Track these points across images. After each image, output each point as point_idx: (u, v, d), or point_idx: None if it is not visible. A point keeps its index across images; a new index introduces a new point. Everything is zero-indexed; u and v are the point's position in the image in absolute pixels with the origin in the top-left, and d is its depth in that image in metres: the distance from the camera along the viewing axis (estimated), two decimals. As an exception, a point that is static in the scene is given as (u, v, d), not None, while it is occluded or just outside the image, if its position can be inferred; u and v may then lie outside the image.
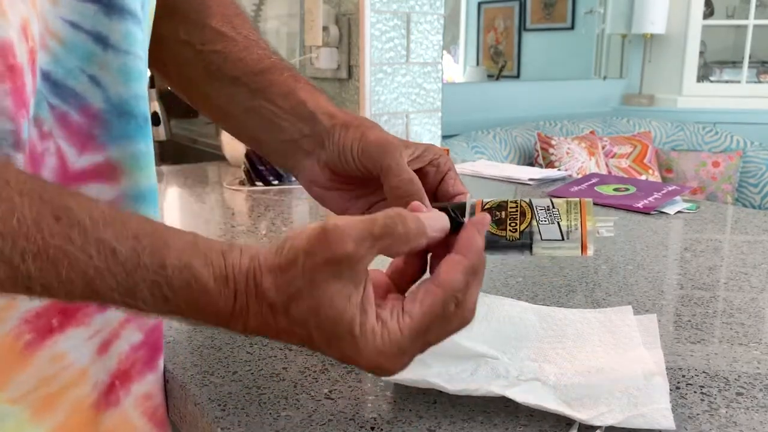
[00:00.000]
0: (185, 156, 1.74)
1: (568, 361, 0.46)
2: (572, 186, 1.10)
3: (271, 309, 0.34)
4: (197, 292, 0.33)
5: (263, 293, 0.34)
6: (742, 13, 3.63)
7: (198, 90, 0.55)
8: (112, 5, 0.40)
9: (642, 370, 0.44)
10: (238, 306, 0.34)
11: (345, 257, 0.33)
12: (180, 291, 0.33)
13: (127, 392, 0.46)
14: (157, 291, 0.33)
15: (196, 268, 0.33)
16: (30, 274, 0.30)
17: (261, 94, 0.51)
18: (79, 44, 0.39)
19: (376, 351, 0.34)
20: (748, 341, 0.53)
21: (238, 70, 0.52)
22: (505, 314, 0.51)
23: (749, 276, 0.69)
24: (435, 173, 0.47)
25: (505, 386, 0.42)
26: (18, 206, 0.29)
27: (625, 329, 0.49)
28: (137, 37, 0.42)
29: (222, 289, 0.34)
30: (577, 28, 4.07)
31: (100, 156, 0.42)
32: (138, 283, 0.32)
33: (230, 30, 0.54)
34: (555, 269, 0.70)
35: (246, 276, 0.34)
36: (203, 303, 0.34)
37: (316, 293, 0.33)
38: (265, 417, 0.42)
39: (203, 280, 0.33)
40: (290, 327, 0.34)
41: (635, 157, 3.02)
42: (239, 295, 0.34)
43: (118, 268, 0.32)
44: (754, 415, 0.42)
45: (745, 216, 0.95)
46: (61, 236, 0.30)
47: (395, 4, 1.46)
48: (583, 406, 0.41)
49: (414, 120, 1.56)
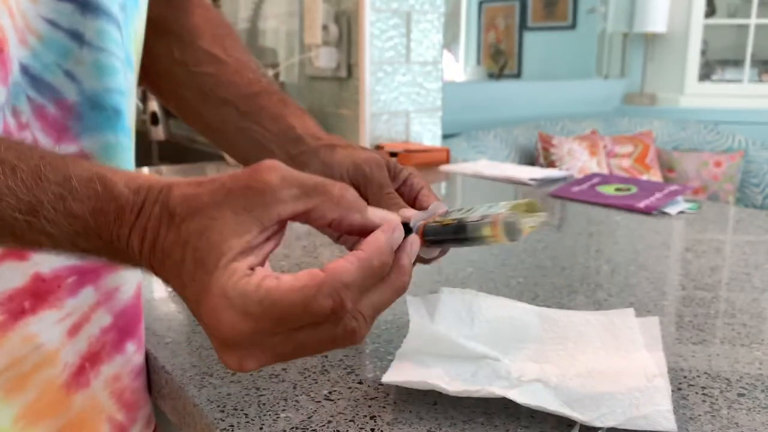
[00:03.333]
0: (185, 156, 1.74)
1: (570, 363, 0.46)
2: (573, 186, 1.10)
3: (167, 219, 0.32)
4: (105, 200, 0.32)
5: (168, 200, 0.32)
6: (744, 12, 3.63)
7: (191, 108, 0.58)
8: (87, 4, 0.42)
9: (644, 372, 0.44)
10: (143, 216, 0.32)
11: (264, 188, 0.31)
12: (87, 201, 0.31)
13: (96, 374, 0.47)
14: (61, 205, 0.31)
15: (106, 177, 0.32)
16: None
17: (251, 117, 0.54)
18: (56, 41, 0.41)
19: (220, 290, 0.30)
20: (750, 342, 0.52)
21: (229, 93, 0.55)
22: (506, 315, 0.51)
23: (751, 276, 0.68)
24: (409, 191, 0.50)
25: (506, 387, 0.42)
26: None
27: (627, 331, 0.49)
28: (112, 35, 0.43)
29: (130, 196, 0.32)
30: (579, 27, 4.06)
31: (74, 146, 0.43)
32: (40, 198, 0.31)
33: (221, 52, 0.57)
34: (556, 270, 0.70)
35: (160, 187, 0.32)
36: (111, 212, 0.32)
37: (213, 214, 0.31)
38: (264, 418, 0.41)
39: (111, 186, 0.32)
40: (172, 244, 0.31)
41: (637, 156, 3.02)
42: (147, 204, 0.32)
43: (17, 184, 0.31)
44: (755, 416, 0.41)
45: (747, 216, 0.95)
46: None
47: (395, 3, 1.45)
48: (584, 408, 0.40)
49: (414, 119, 1.56)
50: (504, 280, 0.67)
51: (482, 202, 0.46)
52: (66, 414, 0.45)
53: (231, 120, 0.55)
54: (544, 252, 0.76)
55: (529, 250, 0.77)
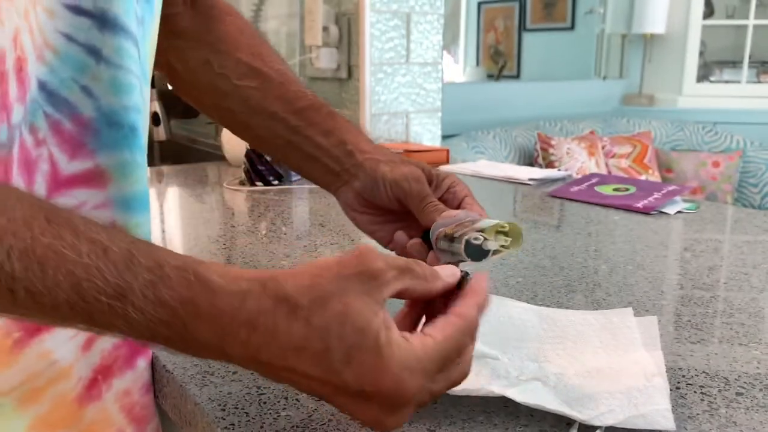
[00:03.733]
0: (185, 156, 1.74)
1: (569, 362, 0.46)
2: (572, 186, 1.10)
3: (290, 313, 0.31)
4: (198, 290, 0.31)
5: (285, 294, 0.31)
6: (742, 13, 3.63)
7: (238, 121, 0.60)
8: (105, 20, 0.42)
9: (642, 371, 0.44)
10: (247, 308, 0.31)
11: (377, 272, 0.33)
12: (179, 289, 0.30)
13: (108, 387, 0.47)
14: (151, 291, 0.30)
15: (199, 268, 0.31)
16: (14, 274, 0.28)
17: (302, 131, 0.56)
18: (73, 56, 0.41)
19: (400, 364, 0.32)
20: (748, 341, 0.53)
21: (277, 107, 0.57)
22: (505, 314, 0.51)
23: (749, 276, 0.69)
24: (452, 199, 0.53)
25: (506, 386, 0.42)
26: (10, 208, 0.29)
27: (626, 331, 0.49)
28: (129, 52, 0.43)
29: (230, 287, 0.31)
30: (577, 28, 4.07)
31: (90, 162, 0.43)
32: (130, 282, 0.30)
33: (262, 65, 0.58)
34: (555, 269, 0.70)
35: (264, 278, 0.32)
36: (204, 304, 0.31)
37: (344, 301, 0.32)
38: (265, 417, 0.42)
39: (206, 277, 0.31)
40: (305, 337, 0.31)
41: (635, 157, 3.02)
42: (252, 295, 0.31)
43: (108, 266, 0.30)
44: (754, 415, 0.42)
45: (745, 216, 0.95)
46: (51, 234, 0.29)
47: (395, 4, 1.46)
48: (583, 407, 0.41)
49: (414, 120, 1.56)
50: (503, 280, 0.67)
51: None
52: (77, 426, 0.45)
53: (281, 134, 0.57)
54: (543, 251, 0.77)
55: (528, 250, 0.77)
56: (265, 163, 1.14)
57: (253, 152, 1.14)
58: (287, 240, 0.82)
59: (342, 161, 0.55)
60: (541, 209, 1.01)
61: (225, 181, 1.18)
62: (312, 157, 0.56)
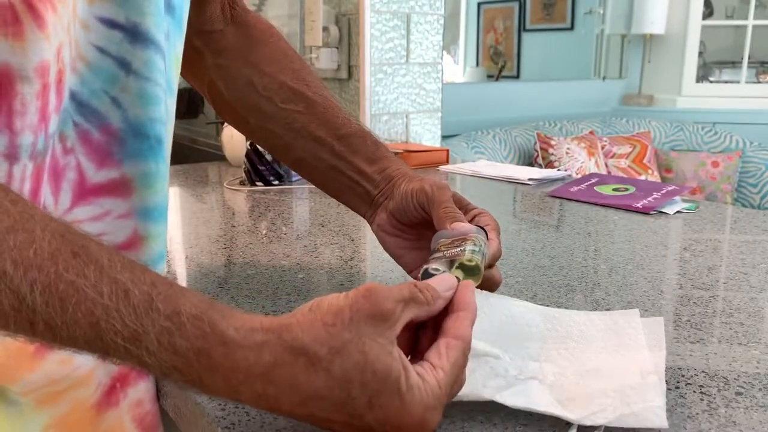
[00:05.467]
0: (185, 156, 1.74)
1: (569, 361, 0.46)
2: (572, 186, 1.10)
3: (308, 365, 0.32)
4: (212, 343, 0.31)
5: (302, 346, 0.32)
6: (742, 14, 3.64)
7: (281, 143, 0.61)
8: (137, 34, 0.43)
9: (639, 370, 0.44)
10: (263, 362, 0.31)
11: (388, 314, 0.34)
12: (193, 340, 0.31)
13: (125, 395, 0.48)
14: (166, 339, 0.30)
15: (215, 319, 0.31)
16: (35, 308, 0.29)
17: (346, 157, 0.59)
18: (104, 68, 0.42)
19: (423, 406, 0.34)
20: (747, 341, 0.53)
21: (322, 131, 0.59)
22: (508, 313, 0.51)
23: (748, 276, 0.69)
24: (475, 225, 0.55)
25: (501, 387, 0.42)
26: (38, 239, 0.29)
27: (631, 332, 0.49)
28: (157, 65, 0.44)
29: (245, 341, 0.31)
30: (577, 29, 4.07)
31: (116, 172, 0.44)
32: (146, 328, 0.30)
33: (307, 90, 0.60)
34: (555, 269, 0.70)
35: (279, 329, 0.32)
36: (218, 357, 0.31)
37: (361, 349, 0.32)
38: (265, 417, 0.42)
39: (221, 329, 0.31)
40: (326, 387, 0.32)
41: (635, 157, 3.03)
42: (267, 348, 0.31)
43: (128, 309, 0.30)
44: (753, 415, 0.42)
45: (744, 216, 0.95)
46: (75, 271, 0.29)
47: (395, 5, 1.46)
48: (575, 406, 0.40)
49: (414, 120, 1.56)
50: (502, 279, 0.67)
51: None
52: None
53: (325, 158, 0.59)
54: (543, 251, 0.77)
55: (528, 250, 0.77)
56: (265, 164, 1.14)
57: (254, 152, 1.14)
58: (287, 240, 0.82)
59: (381, 186, 0.58)
60: (540, 209, 1.01)
61: (225, 181, 1.18)
62: (353, 180, 0.59)
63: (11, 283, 0.28)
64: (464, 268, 0.47)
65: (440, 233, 0.51)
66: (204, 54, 0.62)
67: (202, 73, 0.63)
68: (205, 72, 0.62)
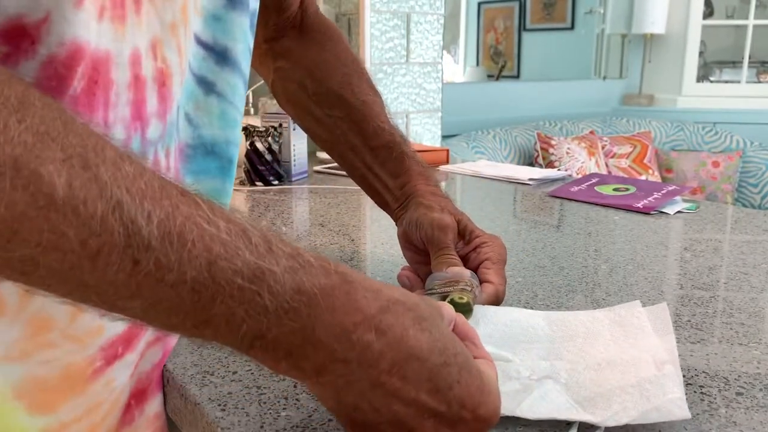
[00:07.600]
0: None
1: (580, 357, 0.45)
2: (572, 186, 1.10)
3: (416, 321, 0.31)
4: (337, 281, 0.29)
5: (413, 302, 0.32)
6: (742, 13, 3.63)
7: (326, 145, 0.65)
8: (226, 58, 0.43)
9: (653, 360, 0.44)
10: (379, 304, 0.30)
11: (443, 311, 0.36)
12: (320, 277, 0.29)
13: (141, 412, 0.47)
14: (290, 277, 0.28)
15: (334, 261, 0.30)
16: (150, 242, 0.25)
17: (374, 169, 0.62)
18: (187, 83, 0.42)
19: (495, 389, 0.35)
20: (747, 341, 0.53)
21: (357, 141, 0.61)
22: (512, 318, 0.51)
23: (749, 276, 0.69)
24: (474, 258, 0.57)
25: (517, 390, 0.42)
26: (147, 172, 0.26)
27: (635, 321, 0.49)
28: (239, 90, 0.45)
29: (365, 282, 0.30)
30: (577, 28, 4.07)
31: None
32: (271, 265, 0.27)
33: (350, 95, 0.62)
34: (555, 269, 0.70)
35: (386, 285, 0.32)
36: (341, 296, 0.29)
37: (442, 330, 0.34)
38: (265, 417, 0.42)
39: (343, 269, 0.30)
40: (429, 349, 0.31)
41: (635, 157, 3.03)
42: (383, 294, 0.31)
43: (249, 247, 0.27)
44: (753, 415, 0.42)
45: (744, 216, 0.95)
46: (188, 204, 0.26)
47: (395, 4, 1.46)
48: (595, 407, 0.40)
49: (414, 120, 1.56)
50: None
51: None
52: None
53: (357, 166, 0.63)
54: (543, 251, 0.77)
55: (528, 250, 0.77)
56: (265, 164, 1.14)
57: (254, 152, 1.14)
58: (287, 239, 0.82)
59: (400, 201, 0.60)
60: (540, 209, 1.01)
61: (225, 181, 1.18)
62: (379, 192, 0.63)
63: (127, 214, 0.24)
64: (455, 305, 0.48)
65: (435, 275, 0.53)
66: (268, 55, 0.65)
67: (266, 72, 0.66)
68: (268, 72, 0.66)
